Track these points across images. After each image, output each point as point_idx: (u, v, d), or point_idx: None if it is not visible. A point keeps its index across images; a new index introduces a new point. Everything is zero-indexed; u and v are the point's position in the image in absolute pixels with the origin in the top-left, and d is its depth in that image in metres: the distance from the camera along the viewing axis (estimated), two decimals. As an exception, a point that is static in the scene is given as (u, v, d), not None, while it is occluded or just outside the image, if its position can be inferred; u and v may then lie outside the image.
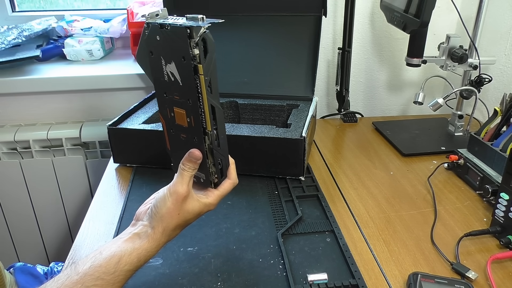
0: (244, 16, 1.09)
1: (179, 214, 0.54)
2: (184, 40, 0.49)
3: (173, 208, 0.53)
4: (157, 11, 0.55)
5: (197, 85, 0.51)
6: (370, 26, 1.21)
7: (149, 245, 0.53)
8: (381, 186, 0.85)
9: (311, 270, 0.62)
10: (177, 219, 0.54)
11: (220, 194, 0.59)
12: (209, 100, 0.52)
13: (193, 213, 0.55)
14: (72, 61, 1.24)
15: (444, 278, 0.59)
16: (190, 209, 0.55)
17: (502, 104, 0.84)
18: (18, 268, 0.81)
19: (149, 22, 0.53)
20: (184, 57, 0.50)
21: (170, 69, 0.53)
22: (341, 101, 1.20)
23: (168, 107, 0.57)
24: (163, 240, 0.54)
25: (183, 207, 0.54)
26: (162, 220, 0.53)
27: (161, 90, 0.56)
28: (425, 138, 1.05)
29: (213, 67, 0.52)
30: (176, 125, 0.57)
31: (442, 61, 1.01)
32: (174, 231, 0.55)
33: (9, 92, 1.15)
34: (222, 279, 0.61)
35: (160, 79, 0.55)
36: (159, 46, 0.53)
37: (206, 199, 0.57)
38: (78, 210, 1.24)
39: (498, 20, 1.09)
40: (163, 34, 0.52)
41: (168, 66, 0.54)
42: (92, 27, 1.23)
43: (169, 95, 0.56)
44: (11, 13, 1.31)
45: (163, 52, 0.53)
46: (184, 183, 0.54)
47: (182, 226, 0.56)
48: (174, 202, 0.53)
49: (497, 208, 0.69)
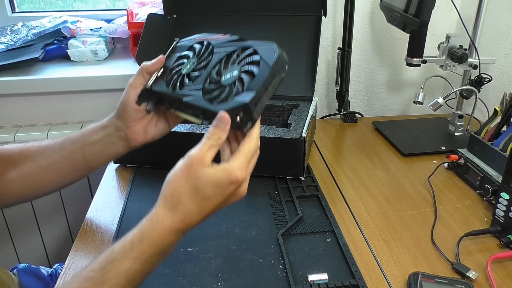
0: (244, 16, 1.09)
1: (186, 181, 0.46)
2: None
3: (180, 173, 0.47)
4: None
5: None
6: (370, 26, 1.22)
7: (146, 223, 0.47)
8: (381, 186, 0.85)
9: (311, 270, 0.62)
10: (184, 186, 0.46)
11: (242, 155, 0.48)
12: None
13: (205, 179, 0.46)
14: (75, 62, 1.25)
15: (444, 278, 0.59)
16: (201, 174, 0.46)
17: (502, 104, 0.84)
18: (21, 269, 0.80)
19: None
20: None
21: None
22: (341, 101, 1.20)
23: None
24: (166, 215, 0.46)
25: (192, 173, 0.46)
26: (167, 187, 0.47)
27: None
28: (425, 138, 1.05)
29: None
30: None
31: (442, 61, 1.01)
32: (181, 203, 0.46)
33: (9, 93, 1.15)
34: (222, 279, 0.61)
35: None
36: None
37: (225, 163, 0.48)
38: (78, 210, 1.24)
39: (498, 20, 1.09)
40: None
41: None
42: (101, 27, 1.24)
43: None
44: (11, 14, 1.31)
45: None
46: (201, 148, 0.47)
47: (193, 198, 0.47)
48: (183, 166, 0.47)
49: (498, 208, 0.69)
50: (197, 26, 1.11)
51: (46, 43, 1.22)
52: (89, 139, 0.66)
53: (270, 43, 0.55)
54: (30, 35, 1.21)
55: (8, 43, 1.20)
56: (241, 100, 0.50)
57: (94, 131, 0.66)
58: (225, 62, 0.57)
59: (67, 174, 0.67)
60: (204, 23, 1.11)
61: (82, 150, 0.66)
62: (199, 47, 0.63)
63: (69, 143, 0.66)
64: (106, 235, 0.71)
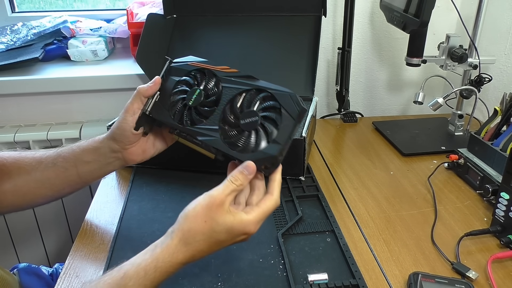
0: (244, 16, 1.09)
1: (205, 221, 0.48)
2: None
3: (201, 212, 0.48)
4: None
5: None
6: (370, 26, 1.21)
7: (161, 254, 0.48)
8: (381, 186, 0.85)
9: (311, 270, 0.62)
10: (202, 226, 0.48)
11: (260, 211, 0.51)
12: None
13: (223, 225, 0.48)
14: (75, 62, 1.25)
15: (444, 278, 0.59)
16: (220, 219, 0.48)
17: (502, 104, 0.84)
18: (22, 269, 0.80)
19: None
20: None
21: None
22: (341, 101, 1.20)
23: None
24: (180, 249, 0.48)
25: (212, 215, 0.48)
26: (185, 222, 0.49)
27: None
28: (425, 138, 1.05)
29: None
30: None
31: (442, 61, 1.01)
32: (196, 242, 0.48)
33: (9, 93, 1.15)
34: (222, 279, 0.61)
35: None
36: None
37: (244, 214, 0.50)
38: (78, 210, 1.24)
39: (498, 20, 1.09)
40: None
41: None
42: (101, 27, 1.24)
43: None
44: (11, 13, 1.31)
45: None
46: (223, 191, 0.49)
47: (207, 239, 0.49)
48: (204, 206, 0.49)
49: (498, 208, 0.69)
50: (197, 26, 1.11)
51: (46, 43, 1.22)
52: (83, 158, 0.65)
53: (286, 90, 0.55)
54: (30, 35, 1.21)
55: (8, 43, 1.20)
56: (269, 152, 0.53)
57: (86, 150, 0.65)
58: (239, 102, 0.57)
59: (62, 189, 0.68)
60: (204, 23, 1.11)
61: (76, 168, 0.66)
62: (203, 77, 0.62)
63: (61, 160, 0.66)
64: (106, 235, 0.71)
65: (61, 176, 0.66)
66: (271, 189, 0.53)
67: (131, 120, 0.62)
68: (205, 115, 0.59)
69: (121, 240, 0.69)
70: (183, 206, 0.51)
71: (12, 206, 0.67)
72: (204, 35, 1.10)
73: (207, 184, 0.82)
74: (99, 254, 0.66)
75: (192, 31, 1.11)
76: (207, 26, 1.11)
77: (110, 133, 0.64)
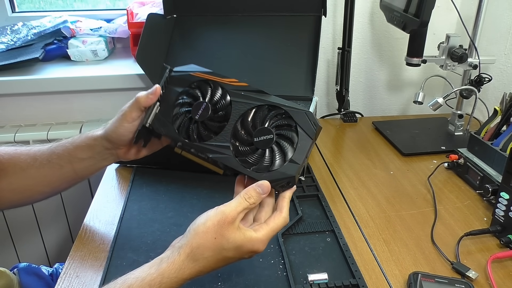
0: (244, 16, 1.09)
1: (215, 238, 0.47)
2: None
3: (211, 228, 0.48)
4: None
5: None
6: (370, 26, 1.21)
7: (167, 269, 0.47)
8: (381, 186, 0.85)
9: (311, 270, 0.62)
10: (211, 242, 0.48)
11: (269, 230, 0.50)
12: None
13: (233, 243, 0.48)
14: (75, 62, 1.25)
15: (444, 278, 0.59)
16: (231, 237, 0.48)
17: (502, 104, 0.84)
18: (22, 269, 0.80)
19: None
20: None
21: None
22: (341, 101, 1.20)
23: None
24: (187, 265, 0.48)
25: (223, 232, 0.48)
26: (195, 238, 0.48)
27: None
28: (425, 138, 1.05)
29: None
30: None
31: (442, 61, 1.01)
32: (204, 258, 0.48)
33: (9, 93, 1.15)
34: (222, 279, 0.61)
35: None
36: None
37: (253, 232, 0.49)
38: (78, 210, 1.24)
39: (497, 20, 1.09)
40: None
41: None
42: (101, 27, 1.24)
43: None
44: (11, 13, 1.31)
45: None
46: (235, 208, 0.49)
47: (216, 256, 0.48)
48: (215, 222, 0.48)
49: (497, 208, 0.69)
50: (197, 26, 1.11)
51: (46, 43, 1.22)
52: (77, 155, 0.65)
53: (301, 107, 0.54)
54: (30, 35, 1.21)
55: (8, 43, 1.20)
56: (287, 172, 0.52)
57: (80, 148, 0.65)
58: (252, 118, 0.55)
59: (59, 186, 0.68)
60: (204, 23, 1.11)
61: (72, 165, 0.65)
62: (209, 89, 0.58)
63: (56, 157, 0.65)
64: (106, 235, 0.71)
65: (57, 173, 0.66)
66: (280, 207, 0.52)
67: (129, 126, 0.61)
68: (214, 131, 0.56)
69: (121, 240, 0.69)
70: (183, 206, 0.51)
71: (10, 203, 0.67)
72: (204, 35, 1.10)
73: (207, 185, 0.83)
74: (99, 254, 0.66)
75: (192, 31, 1.11)
76: (207, 26, 1.11)
77: (104, 134, 0.63)
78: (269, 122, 0.54)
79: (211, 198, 0.79)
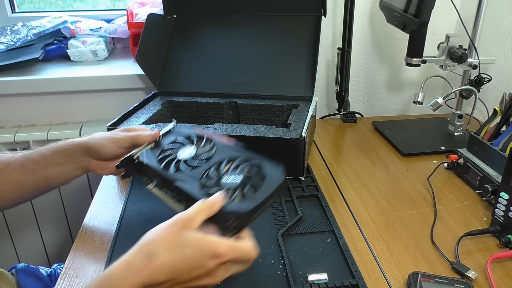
0: (244, 16, 1.09)
1: (167, 235, 0.44)
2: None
3: (163, 227, 0.45)
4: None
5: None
6: (369, 26, 1.22)
7: (113, 269, 0.43)
8: (381, 186, 0.86)
9: (311, 270, 0.62)
10: (164, 238, 0.44)
11: (235, 244, 0.47)
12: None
13: (188, 241, 0.44)
14: (75, 62, 1.25)
15: (444, 278, 0.59)
16: (185, 235, 0.44)
17: (502, 104, 0.84)
18: (20, 269, 0.80)
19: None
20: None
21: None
22: (340, 101, 1.20)
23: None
24: (137, 261, 0.43)
25: (176, 230, 0.44)
26: (146, 237, 0.45)
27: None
28: (425, 138, 1.05)
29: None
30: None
31: (442, 61, 1.01)
32: (158, 255, 0.43)
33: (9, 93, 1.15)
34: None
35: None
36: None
37: (213, 237, 0.46)
38: (78, 210, 1.24)
39: (497, 20, 1.09)
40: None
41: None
42: (101, 27, 1.24)
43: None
44: (11, 14, 1.31)
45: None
46: (193, 209, 0.47)
47: (171, 253, 0.43)
48: (167, 222, 0.46)
49: (497, 208, 0.69)
50: (197, 26, 1.11)
51: (46, 43, 1.22)
52: (52, 160, 0.67)
53: (277, 165, 0.57)
54: (30, 35, 1.21)
55: (8, 43, 1.20)
56: (240, 208, 0.51)
57: (57, 152, 0.68)
58: (227, 163, 0.59)
59: (28, 192, 0.68)
60: (204, 23, 1.11)
61: (45, 170, 0.67)
62: (200, 139, 0.66)
63: (30, 162, 0.67)
64: (106, 235, 0.71)
65: (30, 179, 0.66)
66: (242, 236, 0.50)
67: (115, 149, 0.67)
68: (190, 166, 0.60)
69: (121, 240, 0.69)
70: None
71: None
72: (204, 35, 1.10)
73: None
74: (99, 254, 0.66)
75: (192, 31, 1.11)
76: (207, 26, 1.11)
77: (88, 142, 0.68)
78: (241, 169, 0.58)
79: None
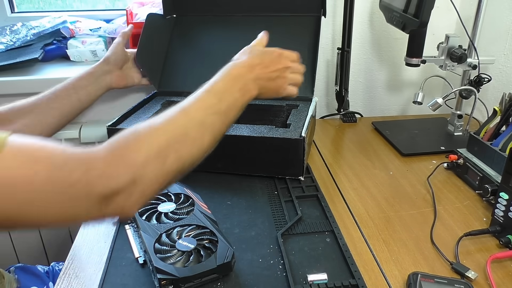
0: (244, 16, 1.09)
1: (242, 51, 0.70)
2: None
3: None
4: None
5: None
6: (369, 26, 1.22)
7: (217, 76, 0.61)
8: (380, 186, 0.86)
9: (311, 270, 0.62)
10: (241, 52, 0.69)
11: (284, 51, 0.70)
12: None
13: (256, 47, 0.70)
14: (75, 62, 1.24)
15: (444, 278, 0.59)
16: (253, 46, 0.71)
17: (502, 104, 0.84)
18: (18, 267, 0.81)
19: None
20: None
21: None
22: (340, 101, 1.20)
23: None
24: (238, 58, 0.68)
25: (246, 48, 0.71)
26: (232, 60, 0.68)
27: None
28: (425, 138, 1.05)
29: None
30: None
31: (442, 61, 1.01)
32: (249, 53, 0.68)
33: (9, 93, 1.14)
34: (222, 279, 0.61)
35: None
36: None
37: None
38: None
39: (497, 20, 1.09)
40: None
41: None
42: (101, 27, 1.24)
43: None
44: (10, 14, 1.31)
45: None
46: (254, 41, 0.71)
47: (247, 54, 0.68)
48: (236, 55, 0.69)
49: (497, 208, 0.69)
50: (197, 26, 1.11)
51: (46, 43, 1.22)
52: (81, 85, 0.82)
53: (231, 246, 0.62)
54: (29, 35, 1.21)
55: (7, 43, 1.20)
56: (175, 272, 0.57)
57: (82, 77, 0.84)
58: (192, 228, 0.66)
59: (66, 116, 0.79)
60: (204, 23, 1.11)
61: (77, 95, 0.81)
62: (187, 201, 0.73)
63: (61, 90, 0.79)
64: (106, 234, 0.71)
65: (66, 105, 0.79)
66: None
67: (120, 49, 0.93)
68: (160, 221, 0.68)
69: (121, 240, 0.69)
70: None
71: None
72: (204, 35, 1.10)
73: (207, 185, 0.83)
74: (99, 254, 0.66)
75: (192, 31, 1.11)
76: (207, 26, 1.11)
77: (104, 58, 0.90)
78: (199, 239, 0.63)
79: (210, 198, 0.79)
